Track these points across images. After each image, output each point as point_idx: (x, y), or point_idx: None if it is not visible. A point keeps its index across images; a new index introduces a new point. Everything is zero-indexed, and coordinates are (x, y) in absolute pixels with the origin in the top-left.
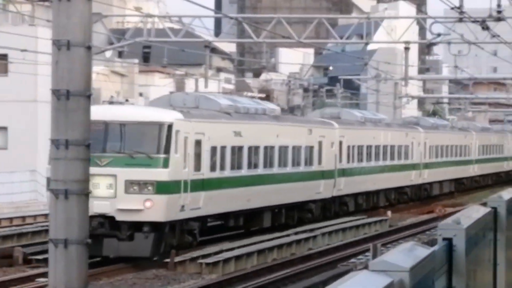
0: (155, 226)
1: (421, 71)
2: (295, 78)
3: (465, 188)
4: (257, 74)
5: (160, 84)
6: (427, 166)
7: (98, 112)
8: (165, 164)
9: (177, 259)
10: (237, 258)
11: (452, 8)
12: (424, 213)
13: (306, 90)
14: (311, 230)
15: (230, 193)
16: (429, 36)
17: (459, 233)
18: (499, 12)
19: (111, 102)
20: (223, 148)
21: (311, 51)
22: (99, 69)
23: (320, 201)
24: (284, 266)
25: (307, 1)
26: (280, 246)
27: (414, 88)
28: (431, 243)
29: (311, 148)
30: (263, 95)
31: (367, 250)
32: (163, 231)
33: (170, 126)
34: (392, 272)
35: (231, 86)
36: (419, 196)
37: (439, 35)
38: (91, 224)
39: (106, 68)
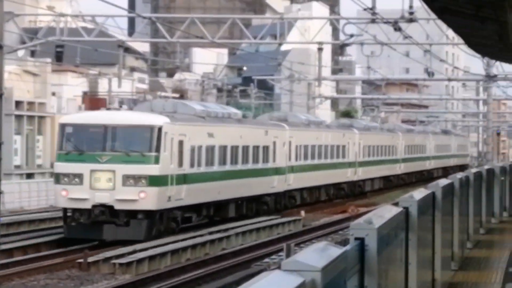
0: (148, 214)
1: (335, 71)
2: (209, 78)
3: (392, 185)
4: (171, 74)
5: (73, 83)
6: (361, 164)
7: (98, 117)
8: (156, 161)
9: (90, 259)
10: (151, 258)
11: (365, 9)
12: (338, 213)
13: (220, 90)
14: (225, 230)
15: (205, 187)
16: (342, 37)
17: (371, 233)
18: (411, 13)
19: (108, 108)
20: (199, 147)
21: (225, 51)
22: (11, 68)
23: (274, 195)
24: (197, 266)
25: (221, 2)
26: (194, 246)
27: (328, 88)
28: (344, 243)
29: (267, 147)
30: (177, 95)
31: (281, 250)
32: (154, 218)
33: (160, 129)
34: (304, 271)
35: (144, 86)
36: (354, 192)
37: (352, 36)
38: (93, 212)
39: (18, 67)
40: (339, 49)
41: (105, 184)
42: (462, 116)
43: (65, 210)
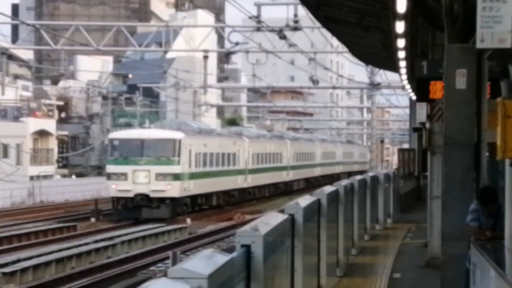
0: (172, 200)
1: (220, 79)
2: (94, 85)
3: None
4: (55, 82)
5: None
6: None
7: (136, 133)
8: (178, 163)
9: None
10: (35, 267)
11: (250, 18)
12: (224, 220)
13: (105, 98)
14: (110, 238)
15: (202, 181)
16: (227, 45)
17: (257, 240)
18: (295, 22)
19: (143, 127)
20: (199, 153)
21: (110, 58)
22: None
23: (238, 190)
24: (83, 275)
25: (106, 9)
26: (79, 255)
27: (213, 96)
28: (230, 250)
29: (235, 154)
30: (62, 103)
31: (167, 258)
32: (176, 203)
33: (180, 141)
34: (190, 279)
35: (28, 94)
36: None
37: (237, 44)
38: (135, 199)
39: None
40: (224, 57)
41: (143, 180)
42: (346, 123)
43: (113, 198)
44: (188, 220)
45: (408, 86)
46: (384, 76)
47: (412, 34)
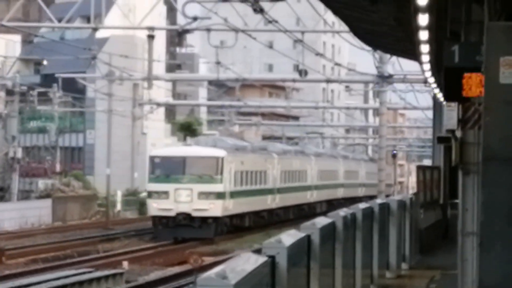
0: (214, 219)
1: (171, 68)
2: None
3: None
4: None
5: None
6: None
7: (178, 151)
8: (221, 181)
9: None
10: None
11: None
12: (174, 264)
13: (10, 92)
14: (26, 286)
15: (240, 201)
16: (181, 20)
17: None
18: None
19: (185, 145)
20: (237, 171)
21: (17, 38)
22: None
23: (268, 210)
24: None
25: None
26: None
27: (161, 92)
28: None
29: (266, 172)
30: None
31: None
32: (218, 222)
33: (222, 159)
34: None
35: None
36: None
37: (195, 19)
38: (177, 218)
39: None
40: (177, 37)
41: (185, 198)
42: (345, 131)
43: (154, 217)
44: (126, 264)
45: (432, 80)
46: (397, 65)
47: (440, 6)
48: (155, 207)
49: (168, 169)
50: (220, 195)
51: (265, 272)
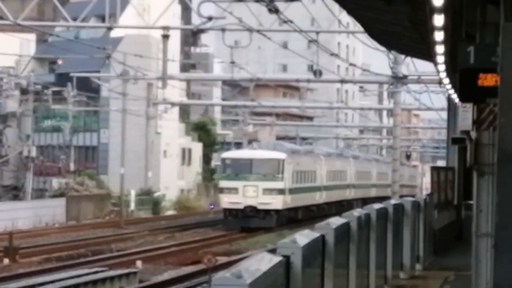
0: (276, 211)
1: (185, 68)
2: (10, 74)
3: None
4: None
5: None
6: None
7: (246, 153)
8: (282, 179)
9: None
10: None
11: None
12: (188, 264)
13: (25, 91)
14: (31, 286)
15: (296, 196)
16: (196, 20)
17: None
18: None
19: (251, 149)
20: (294, 171)
21: (32, 37)
22: None
23: (316, 205)
24: None
25: None
26: None
27: (175, 91)
28: None
29: (315, 171)
30: None
31: None
32: (279, 214)
33: (283, 160)
34: None
35: None
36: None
37: (210, 19)
38: (245, 211)
39: None
40: (191, 37)
41: (252, 193)
42: (359, 131)
43: (225, 209)
44: (139, 263)
45: (446, 81)
46: (412, 66)
47: (455, 7)
48: (226, 201)
49: (237, 169)
50: (281, 191)
51: (280, 272)
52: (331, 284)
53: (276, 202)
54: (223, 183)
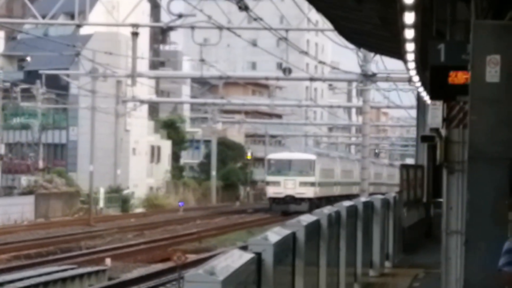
0: (309, 199)
1: (154, 65)
2: None
3: None
4: None
5: None
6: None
7: (286, 155)
8: (313, 175)
9: None
10: None
11: None
12: (157, 261)
13: None
14: (0, 284)
15: (324, 188)
16: (165, 17)
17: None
18: None
19: (290, 151)
20: (322, 169)
21: (0, 34)
22: None
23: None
24: None
25: None
26: None
27: (144, 89)
28: None
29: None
30: None
31: None
32: (311, 201)
33: (314, 160)
34: None
35: None
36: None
37: (179, 16)
38: (285, 198)
39: None
40: (160, 34)
41: (291, 186)
42: (328, 129)
43: (270, 198)
44: (108, 261)
45: (416, 78)
46: (381, 64)
47: (425, 5)
48: (271, 191)
49: (280, 167)
50: (312, 184)
51: (252, 269)
52: (302, 281)
53: (309, 192)
54: (269, 178)
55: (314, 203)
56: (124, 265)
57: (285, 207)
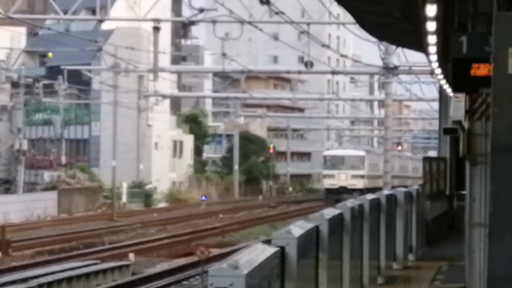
0: (360, 190)
1: (176, 60)
2: (0, 68)
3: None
4: None
5: None
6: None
7: (339, 152)
8: (363, 169)
9: None
10: None
11: None
12: (180, 256)
13: (16, 85)
14: (24, 280)
15: (372, 180)
16: (186, 12)
17: (237, 281)
18: None
19: (342, 148)
20: (371, 163)
21: (22, 30)
22: None
23: (378, 188)
24: None
25: None
26: None
27: (166, 83)
28: None
29: (378, 165)
30: None
31: None
32: (361, 192)
33: (364, 156)
34: None
35: None
36: None
37: (201, 10)
38: (339, 189)
39: None
40: (182, 29)
41: (344, 178)
42: (350, 122)
43: (325, 189)
44: (132, 256)
45: (438, 71)
46: (403, 57)
47: None
48: (327, 183)
49: (334, 162)
50: (362, 177)
51: (275, 263)
52: (325, 274)
53: (359, 184)
54: (325, 172)
55: (364, 194)
56: (148, 260)
57: (339, 197)
